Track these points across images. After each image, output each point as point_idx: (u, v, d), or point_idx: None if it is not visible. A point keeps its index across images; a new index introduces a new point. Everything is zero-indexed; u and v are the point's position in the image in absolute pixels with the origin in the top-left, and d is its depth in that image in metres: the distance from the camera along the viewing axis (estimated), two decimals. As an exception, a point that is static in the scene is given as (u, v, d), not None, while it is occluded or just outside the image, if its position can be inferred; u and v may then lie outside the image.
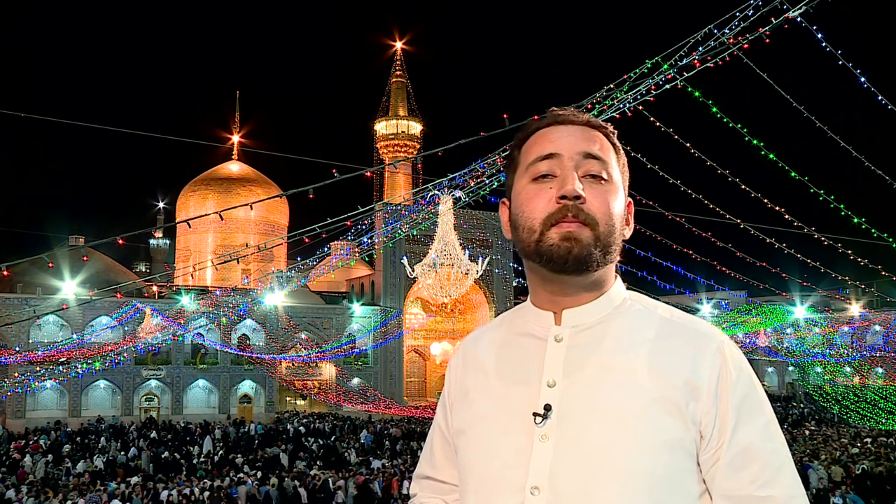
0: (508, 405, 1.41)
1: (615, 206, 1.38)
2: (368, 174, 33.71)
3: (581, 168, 1.37)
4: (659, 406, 1.31)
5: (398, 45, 70.69)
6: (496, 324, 1.59)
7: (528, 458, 1.34)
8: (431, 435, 1.68)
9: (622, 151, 1.47)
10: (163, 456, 28.67)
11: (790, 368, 59.04)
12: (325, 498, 21.00)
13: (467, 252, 25.99)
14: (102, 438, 33.75)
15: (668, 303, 1.54)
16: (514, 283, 56.74)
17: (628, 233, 1.44)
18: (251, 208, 16.76)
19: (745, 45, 13.93)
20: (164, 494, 20.39)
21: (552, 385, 1.37)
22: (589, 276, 1.39)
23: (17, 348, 38.76)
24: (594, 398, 1.34)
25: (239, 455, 29.26)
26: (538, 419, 1.35)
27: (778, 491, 1.31)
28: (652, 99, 15.24)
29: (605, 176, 1.38)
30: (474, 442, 1.44)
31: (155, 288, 49.67)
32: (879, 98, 17.59)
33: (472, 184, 19.31)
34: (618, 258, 1.42)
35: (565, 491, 1.30)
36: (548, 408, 1.35)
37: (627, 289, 1.50)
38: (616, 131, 1.48)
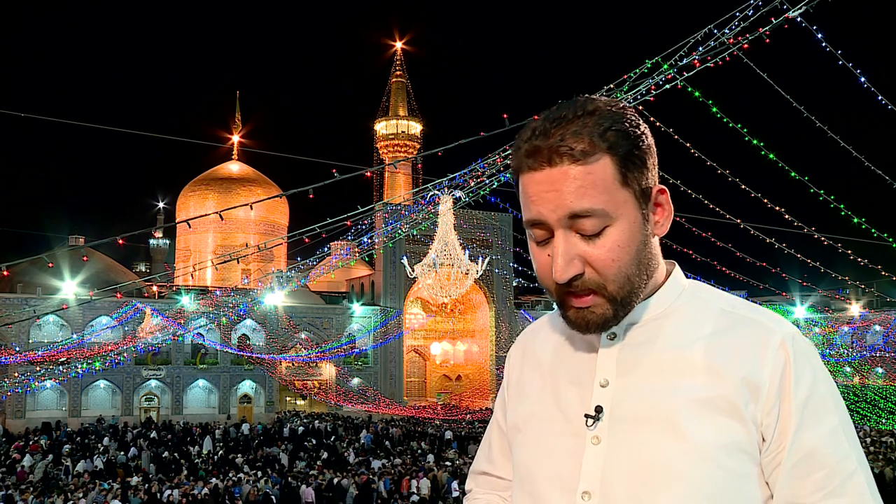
0: (561, 405, 1.36)
1: (626, 248, 1.22)
2: (368, 174, 33.73)
3: (574, 227, 1.21)
4: (716, 406, 1.23)
5: (398, 45, 70.78)
6: (554, 317, 1.48)
7: (579, 460, 1.29)
8: (489, 430, 1.64)
9: (635, 153, 1.23)
10: (163, 456, 28.68)
11: (790, 368, 58.90)
12: (336, 496, 21.11)
13: (467, 252, 25.99)
14: (105, 438, 33.78)
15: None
16: (515, 283, 56.74)
17: (663, 230, 1.30)
18: (251, 208, 16.75)
19: (745, 45, 13.93)
20: (166, 494, 20.40)
21: (605, 385, 1.31)
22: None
23: (17, 348, 38.74)
24: (648, 399, 1.27)
25: (239, 455, 29.28)
26: (589, 421, 1.29)
27: (846, 501, 1.20)
28: (652, 99, 15.24)
29: (603, 224, 1.21)
30: (527, 441, 1.40)
31: (155, 288, 49.66)
32: (879, 98, 17.60)
33: (472, 184, 19.30)
34: (656, 269, 1.32)
35: (617, 496, 1.24)
36: (599, 409, 1.29)
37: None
38: (619, 126, 1.21)
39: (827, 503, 1.20)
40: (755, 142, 18.26)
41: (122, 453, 29.70)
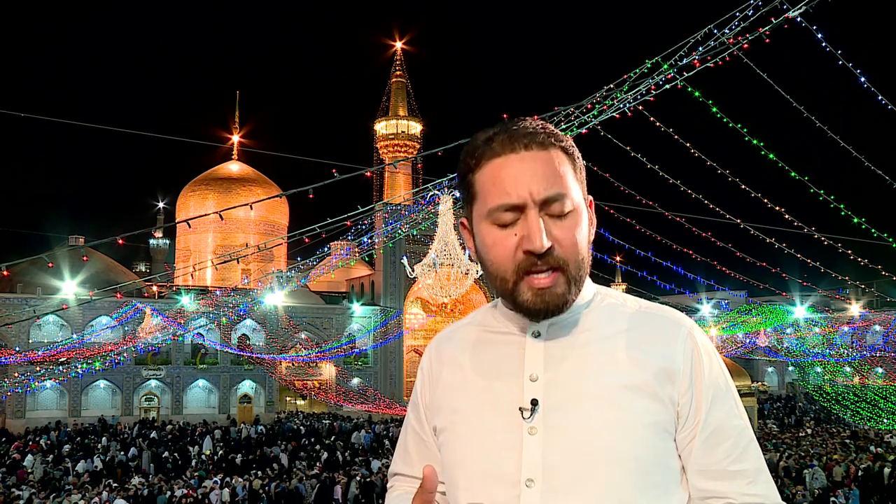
0: (492, 401, 1.44)
1: (581, 235, 1.38)
2: (368, 174, 33.71)
3: (543, 210, 1.33)
4: (639, 391, 1.38)
5: (398, 45, 70.67)
6: (467, 322, 1.61)
7: (518, 452, 1.38)
8: (404, 433, 1.69)
9: (578, 159, 1.43)
10: (163, 456, 28.67)
11: (790, 368, 58.97)
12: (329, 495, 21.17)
13: (467, 252, 25.95)
14: (104, 438, 33.76)
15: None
16: (514, 283, 56.62)
17: (593, 232, 1.46)
18: (251, 208, 16.78)
19: (745, 45, 13.94)
20: (169, 494, 20.35)
21: (535, 379, 1.41)
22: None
23: (17, 348, 38.70)
24: (577, 389, 1.39)
25: (239, 455, 29.26)
26: (525, 413, 1.38)
27: (747, 465, 1.41)
28: (652, 99, 15.25)
29: (568, 208, 1.35)
30: (461, 439, 1.46)
31: (155, 288, 49.63)
32: (879, 98, 17.59)
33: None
34: (589, 265, 1.44)
35: (559, 480, 1.35)
36: (535, 402, 1.39)
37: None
38: (569, 138, 1.44)
39: (734, 467, 1.40)
40: (755, 142, 18.25)
41: (123, 453, 29.69)
